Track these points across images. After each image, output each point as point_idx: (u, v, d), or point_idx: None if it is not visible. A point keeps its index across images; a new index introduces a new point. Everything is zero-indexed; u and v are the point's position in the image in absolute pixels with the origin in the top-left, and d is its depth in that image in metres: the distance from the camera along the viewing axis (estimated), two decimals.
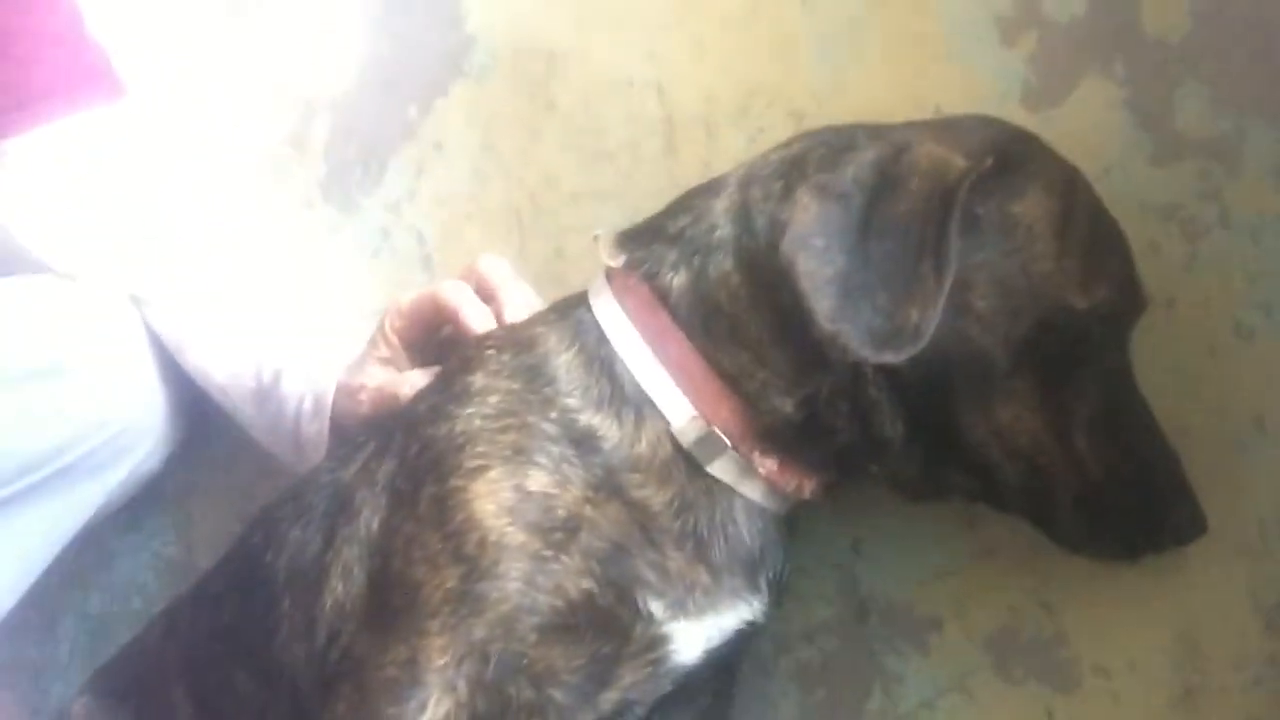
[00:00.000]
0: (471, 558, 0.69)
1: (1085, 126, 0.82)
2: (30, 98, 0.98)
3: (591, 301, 0.78)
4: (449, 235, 1.13)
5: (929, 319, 0.64)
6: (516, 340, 0.78)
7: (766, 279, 0.70)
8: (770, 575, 0.77)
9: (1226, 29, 0.78)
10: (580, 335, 0.76)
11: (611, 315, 0.76)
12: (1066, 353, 0.70)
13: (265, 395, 0.99)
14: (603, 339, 0.76)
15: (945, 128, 0.73)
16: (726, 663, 0.82)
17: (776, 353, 0.72)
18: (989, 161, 0.68)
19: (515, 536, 0.70)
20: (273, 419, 0.99)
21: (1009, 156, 0.70)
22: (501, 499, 0.70)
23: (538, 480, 0.71)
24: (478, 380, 0.76)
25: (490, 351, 0.78)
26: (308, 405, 0.94)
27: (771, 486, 0.75)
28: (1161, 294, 0.78)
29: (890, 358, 0.64)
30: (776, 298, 0.70)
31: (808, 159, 0.71)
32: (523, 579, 0.70)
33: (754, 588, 0.76)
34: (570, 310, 0.79)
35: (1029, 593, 0.81)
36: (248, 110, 1.24)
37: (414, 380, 0.85)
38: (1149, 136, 0.80)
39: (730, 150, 0.96)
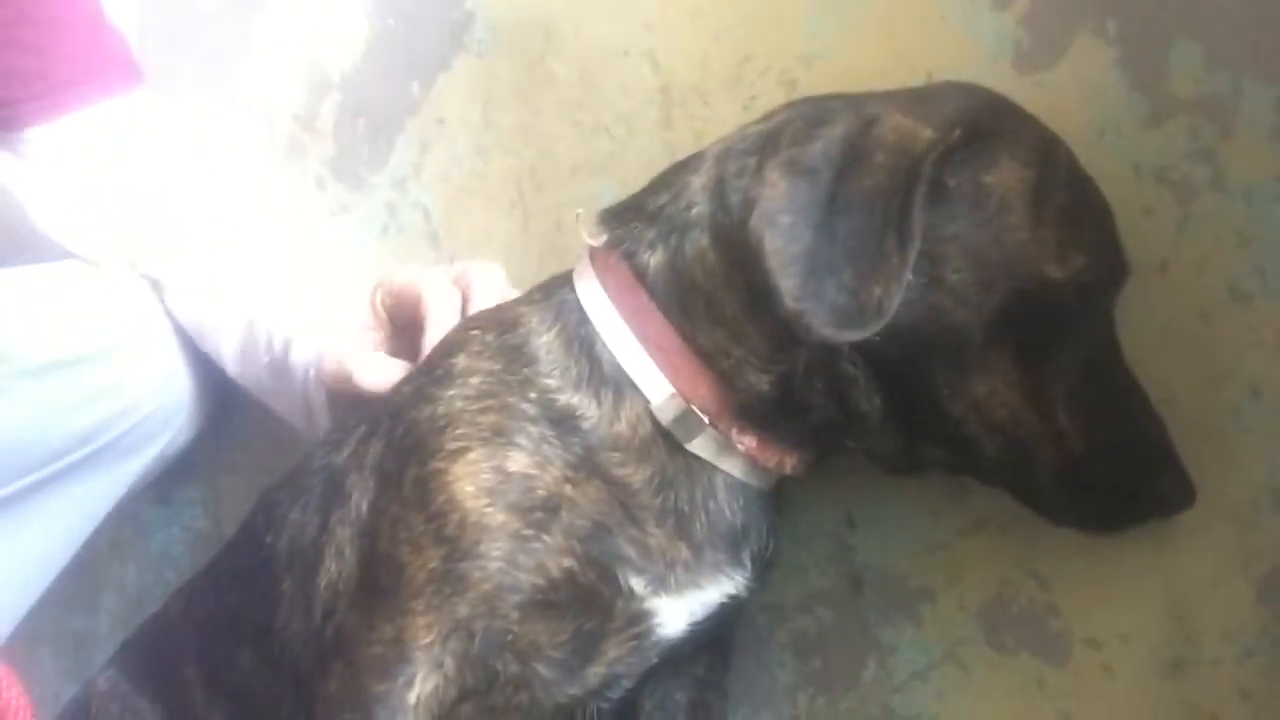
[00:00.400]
0: (453, 538, 0.71)
1: (1078, 88, 0.80)
2: (52, 87, 0.99)
3: (575, 281, 0.78)
4: (453, 211, 1.14)
5: (892, 296, 0.64)
6: (500, 321, 0.79)
7: (741, 256, 0.70)
8: (754, 550, 0.77)
9: None
10: (562, 315, 0.77)
11: (592, 295, 0.77)
12: (1044, 324, 0.69)
13: (277, 367, 1.01)
14: (584, 319, 0.76)
15: (921, 98, 0.72)
16: (717, 634, 0.83)
17: (752, 330, 0.71)
18: (956, 133, 0.66)
19: (495, 517, 0.71)
20: (285, 389, 1.01)
21: (981, 126, 0.69)
22: (481, 480, 0.71)
23: (517, 461, 0.72)
24: (460, 362, 0.77)
25: (475, 332, 0.79)
26: (313, 374, 0.95)
27: (752, 462, 0.75)
28: (1154, 258, 0.77)
29: (852, 336, 0.64)
30: (751, 275, 0.69)
31: (782, 134, 0.71)
32: (504, 558, 0.71)
33: (736, 563, 0.77)
34: (554, 290, 0.79)
35: (1020, 564, 0.81)
36: (257, 91, 1.25)
37: (367, 365, 0.88)
38: (1142, 97, 0.78)
39: (725, 119, 0.95)
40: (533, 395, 0.74)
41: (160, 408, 1.13)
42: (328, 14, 1.21)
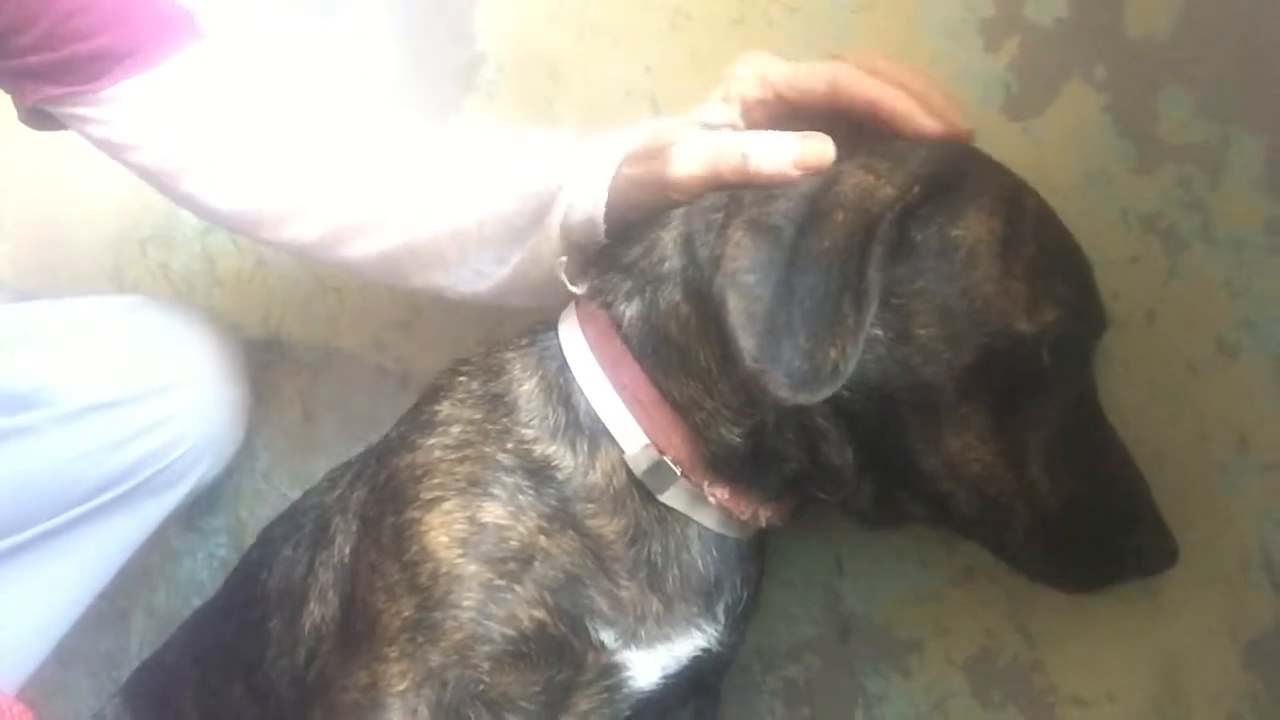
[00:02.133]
0: (425, 588, 0.72)
1: (1067, 134, 0.79)
2: (118, 58, 0.95)
3: (559, 327, 0.79)
4: None
5: (849, 358, 0.63)
6: (487, 367, 0.80)
7: (712, 311, 0.70)
8: (728, 602, 0.77)
9: (1211, 31, 0.73)
10: (543, 363, 0.78)
11: (573, 343, 0.77)
12: (1016, 378, 0.67)
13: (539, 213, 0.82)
14: (564, 367, 0.77)
15: (890, 152, 0.71)
16: (705, 683, 0.83)
17: (724, 383, 0.71)
18: (915, 190, 0.66)
19: (466, 567, 0.72)
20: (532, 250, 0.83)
21: (946, 177, 0.68)
22: (454, 530, 0.72)
23: (491, 512, 0.73)
24: (444, 410, 0.78)
25: (461, 379, 0.80)
26: (566, 216, 0.77)
27: (726, 514, 0.75)
28: (1141, 308, 0.75)
29: (807, 399, 0.64)
30: (722, 329, 0.69)
31: (746, 191, 0.71)
32: (476, 608, 0.72)
33: (709, 615, 0.76)
34: (539, 336, 0.80)
35: (1007, 617, 0.80)
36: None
37: (770, 141, 0.70)
38: (1130, 144, 0.76)
39: None
40: (510, 445, 0.74)
41: (195, 445, 1.15)
42: (345, 55, 1.24)
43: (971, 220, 0.67)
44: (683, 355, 0.73)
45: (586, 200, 0.75)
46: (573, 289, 0.78)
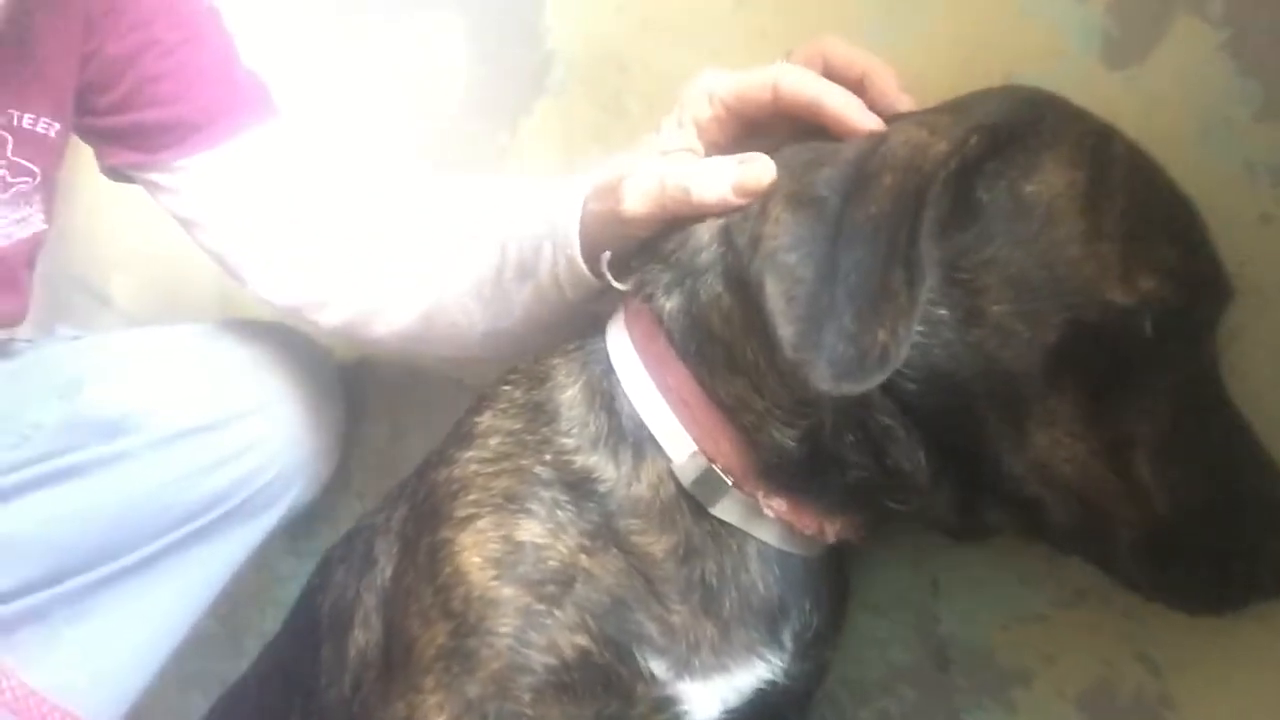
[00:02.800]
0: (459, 613, 0.66)
1: (1178, 80, 0.68)
2: (191, 128, 1.02)
3: (607, 328, 0.73)
4: None
5: (900, 340, 0.55)
6: (532, 374, 0.74)
7: (755, 299, 0.63)
8: (795, 628, 0.69)
9: None
10: (588, 367, 0.72)
11: (618, 343, 0.71)
12: (1114, 361, 0.57)
13: (511, 276, 0.83)
14: (609, 370, 0.70)
15: (954, 108, 0.63)
16: (785, 716, 0.75)
17: (774, 380, 0.64)
18: (973, 141, 0.57)
19: (501, 590, 0.66)
20: (536, 290, 0.81)
21: (1014, 127, 0.59)
22: (488, 551, 0.67)
23: (528, 529, 0.67)
24: (484, 421, 0.73)
25: (506, 387, 0.75)
26: (553, 260, 0.77)
27: (788, 528, 0.67)
28: (1273, 275, 0.63)
29: (851, 389, 0.55)
30: (764, 318, 0.62)
31: (791, 165, 0.63)
32: (513, 635, 0.66)
33: (774, 643, 0.68)
34: (588, 339, 0.74)
35: (1127, 643, 0.69)
36: (357, 149, 1.27)
37: (708, 170, 0.67)
38: (1255, 84, 0.65)
39: None
40: (548, 457, 0.68)
41: (285, 469, 1.14)
42: (420, 66, 1.22)
43: (1048, 172, 0.58)
44: (728, 351, 0.65)
45: (562, 245, 0.74)
46: (616, 284, 0.72)
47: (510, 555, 0.66)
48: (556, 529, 0.67)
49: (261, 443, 1.11)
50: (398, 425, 1.25)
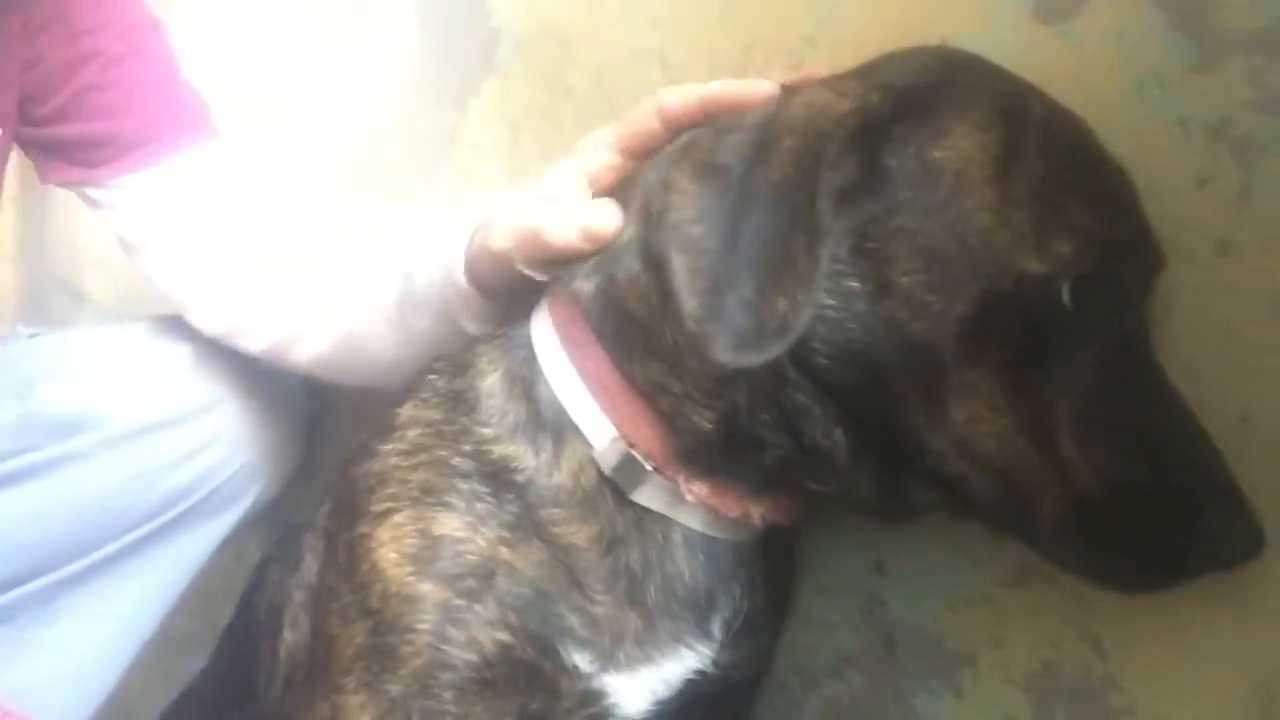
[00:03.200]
0: (376, 611, 0.65)
1: (1109, 34, 0.65)
2: (128, 145, 1.02)
3: (533, 314, 0.71)
4: None
5: (800, 309, 0.52)
6: (457, 362, 0.72)
7: (665, 276, 0.60)
8: (725, 616, 0.67)
9: None
10: (510, 353, 0.69)
11: (541, 329, 0.69)
12: (1031, 331, 0.55)
13: (414, 303, 0.85)
14: (530, 356, 0.68)
15: (867, 70, 0.60)
16: (733, 708, 0.73)
17: (691, 361, 0.61)
18: (875, 99, 0.54)
19: (419, 586, 0.64)
20: (436, 318, 0.84)
21: (925, 89, 0.56)
22: (405, 546, 0.65)
23: (446, 523, 0.65)
24: (405, 412, 0.71)
25: (431, 376, 0.73)
26: (443, 295, 0.79)
27: (713, 513, 0.65)
28: (1210, 237, 0.61)
29: (750, 360, 0.53)
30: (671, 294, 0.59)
31: (703, 135, 0.60)
32: (432, 632, 0.64)
33: (702, 632, 0.66)
34: (513, 325, 0.72)
35: (1071, 624, 0.66)
36: (313, 133, 1.25)
37: (559, 213, 0.67)
38: (1186, 38, 0.62)
39: None
40: (466, 448, 0.66)
41: (247, 464, 1.13)
42: (368, 45, 1.19)
43: (958, 137, 0.55)
44: (645, 333, 0.63)
45: (452, 280, 0.76)
46: (530, 272, 0.70)
47: (427, 550, 0.64)
48: (475, 521, 0.65)
49: (220, 438, 1.10)
50: (364, 417, 1.23)
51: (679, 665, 0.66)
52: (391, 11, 1.17)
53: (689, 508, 0.64)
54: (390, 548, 0.65)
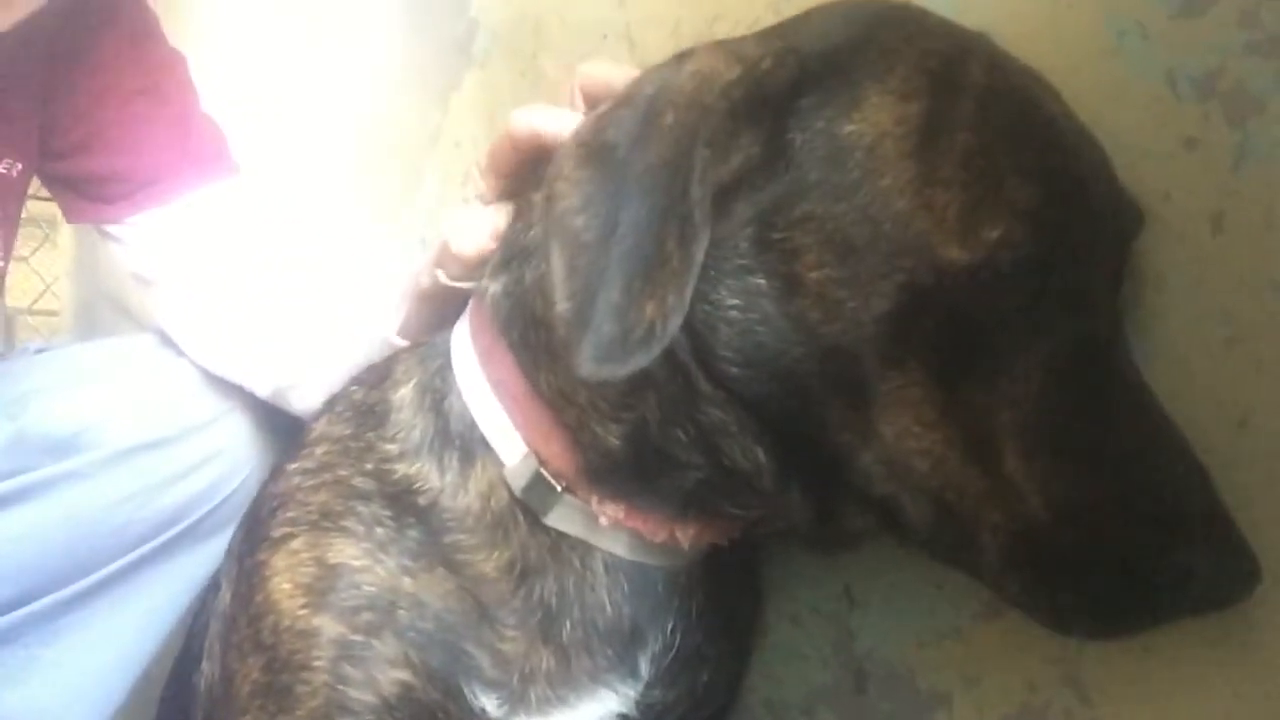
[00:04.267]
0: (269, 646, 0.59)
1: None
2: (141, 183, 1.01)
3: (457, 323, 0.65)
4: None
5: (671, 313, 0.45)
6: (377, 372, 0.67)
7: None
8: (656, 650, 0.59)
9: None
10: (425, 362, 0.64)
11: (458, 336, 0.63)
12: (967, 332, 0.46)
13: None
14: (445, 365, 0.62)
15: (778, 31, 0.52)
16: None
17: None
18: (766, 64, 0.46)
19: (311, 620, 0.58)
20: None
21: (837, 53, 0.48)
22: (299, 575, 0.59)
23: (342, 550, 0.59)
24: (318, 428, 0.65)
25: (352, 388, 0.67)
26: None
27: (636, 538, 0.57)
28: (1200, 208, 0.51)
29: (613, 373, 0.46)
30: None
31: (598, 112, 0.53)
32: (328, 670, 0.58)
33: (625, 670, 0.59)
34: (438, 334, 0.66)
35: (1051, 664, 0.57)
36: (305, 140, 1.22)
37: (457, 223, 0.66)
38: None
39: None
40: (369, 466, 0.61)
41: (245, 482, 1.10)
42: (353, 49, 1.15)
43: (873, 108, 0.47)
44: (550, 337, 0.56)
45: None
46: (444, 279, 0.64)
47: (322, 581, 0.59)
48: (374, 548, 0.59)
49: (221, 455, 1.07)
50: None
51: (599, 707, 0.59)
52: (377, 14, 1.13)
53: (609, 532, 0.58)
54: (284, 577, 0.59)
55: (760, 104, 0.47)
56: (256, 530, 0.63)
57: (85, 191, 1.00)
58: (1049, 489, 0.46)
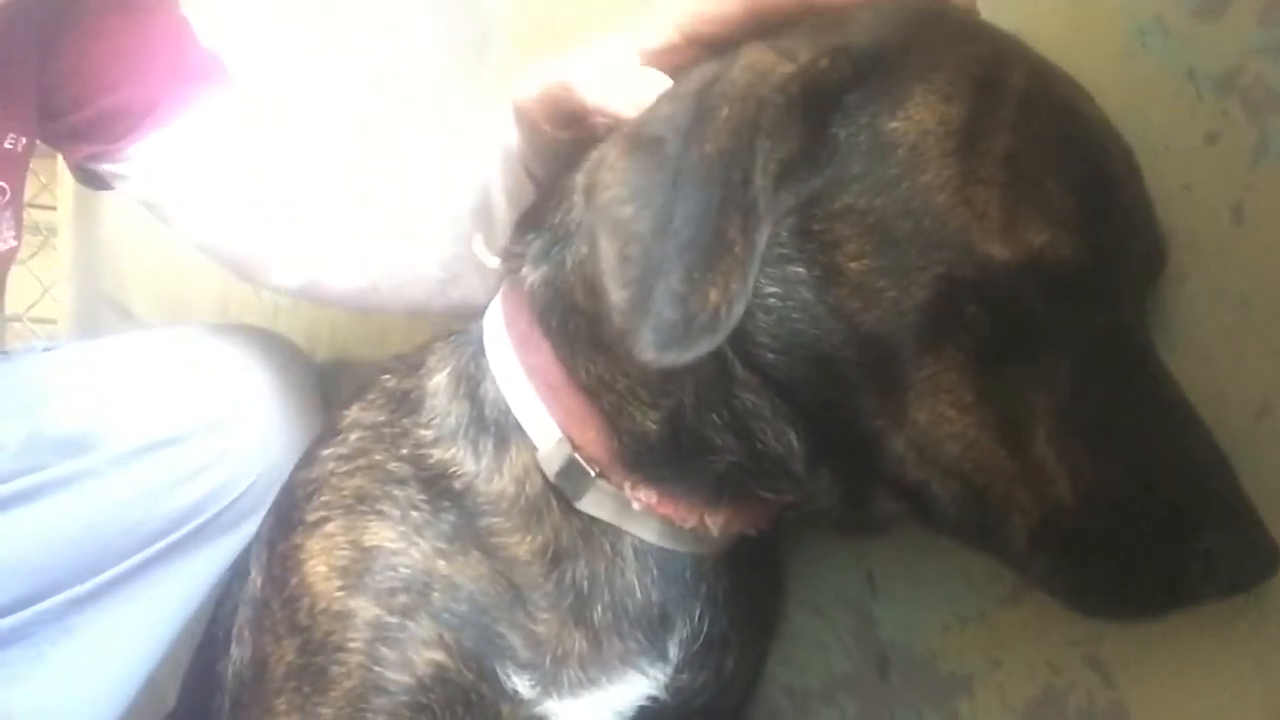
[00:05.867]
0: (305, 628, 0.60)
1: None
2: (140, 113, 1.01)
3: (489, 310, 0.66)
4: None
5: (734, 298, 0.46)
6: (410, 361, 0.68)
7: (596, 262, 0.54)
8: (685, 635, 0.60)
9: None
10: (459, 350, 0.65)
11: (492, 324, 0.64)
12: (1004, 322, 0.48)
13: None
14: (479, 353, 0.64)
15: (825, 26, 0.53)
16: None
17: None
18: (824, 64, 0.48)
19: (348, 602, 0.59)
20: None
21: (884, 52, 0.49)
22: (335, 558, 0.60)
23: (378, 533, 0.60)
24: (350, 414, 0.66)
25: (384, 376, 0.68)
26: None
27: (666, 523, 0.59)
28: (1221, 202, 0.53)
29: (677, 359, 0.47)
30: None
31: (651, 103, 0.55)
32: (364, 652, 0.59)
33: (655, 654, 0.60)
34: (472, 321, 0.67)
35: (1073, 646, 0.58)
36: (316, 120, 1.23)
37: (597, 69, 0.59)
38: None
39: None
40: (404, 451, 0.62)
41: (263, 477, 1.10)
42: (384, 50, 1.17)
43: (917, 106, 0.49)
44: (590, 324, 0.58)
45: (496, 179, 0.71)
46: (485, 259, 0.65)
47: (357, 564, 0.60)
48: (410, 531, 0.60)
49: (234, 452, 1.07)
50: None
51: (629, 690, 0.60)
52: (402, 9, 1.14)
53: (639, 517, 0.59)
54: (320, 560, 0.60)
55: (815, 99, 0.48)
56: (290, 515, 0.64)
57: (92, 137, 1.00)
58: (1077, 473, 0.47)
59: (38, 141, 1.04)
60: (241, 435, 1.06)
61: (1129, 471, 0.47)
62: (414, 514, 0.60)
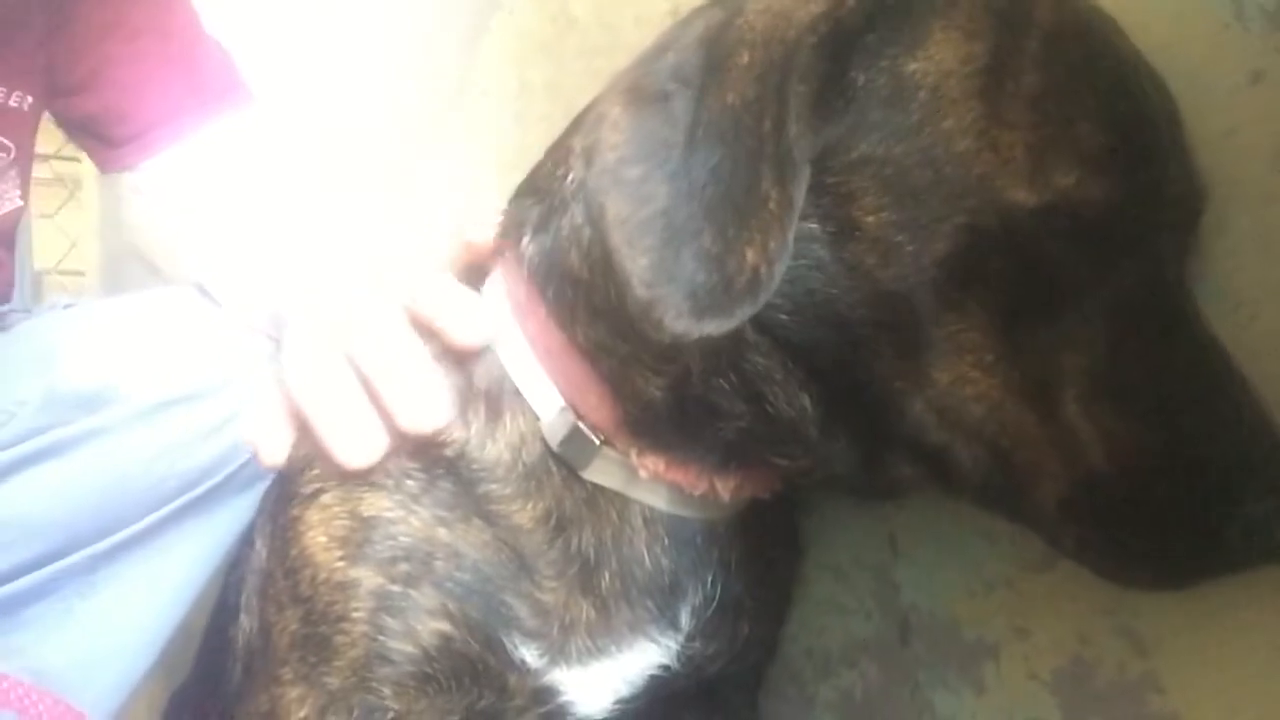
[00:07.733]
0: (307, 598, 0.59)
1: None
2: (148, 125, 1.00)
3: (488, 279, 0.63)
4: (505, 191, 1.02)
5: (774, 259, 0.43)
6: None
7: (600, 228, 0.52)
8: (697, 602, 0.58)
9: None
10: None
11: (490, 290, 0.61)
12: (1032, 276, 0.45)
13: None
14: None
15: None
16: (734, 705, 0.66)
17: (641, 323, 0.53)
18: (851, 4, 0.44)
19: (349, 572, 0.58)
20: None
21: None
22: (334, 529, 0.59)
23: (374, 503, 0.59)
24: None
25: None
26: None
27: (675, 490, 0.56)
28: (1268, 145, 0.50)
29: (718, 326, 0.44)
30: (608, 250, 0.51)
31: (647, 54, 0.52)
32: (369, 621, 0.58)
33: (666, 622, 0.58)
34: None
35: (1104, 614, 0.56)
36: (330, 86, 1.20)
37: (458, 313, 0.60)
38: None
39: None
40: None
41: None
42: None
43: (937, 46, 0.45)
44: (590, 290, 0.55)
45: None
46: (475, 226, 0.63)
47: (356, 533, 0.58)
48: (407, 500, 0.58)
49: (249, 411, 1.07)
50: None
51: (640, 659, 0.58)
52: None
53: (648, 484, 0.57)
54: (319, 531, 0.59)
55: (842, 40, 0.45)
56: (288, 486, 0.62)
57: (96, 133, 0.99)
58: (1111, 437, 0.44)
59: None
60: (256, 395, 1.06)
61: (1166, 435, 0.44)
62: (408, 482, 0.58)
